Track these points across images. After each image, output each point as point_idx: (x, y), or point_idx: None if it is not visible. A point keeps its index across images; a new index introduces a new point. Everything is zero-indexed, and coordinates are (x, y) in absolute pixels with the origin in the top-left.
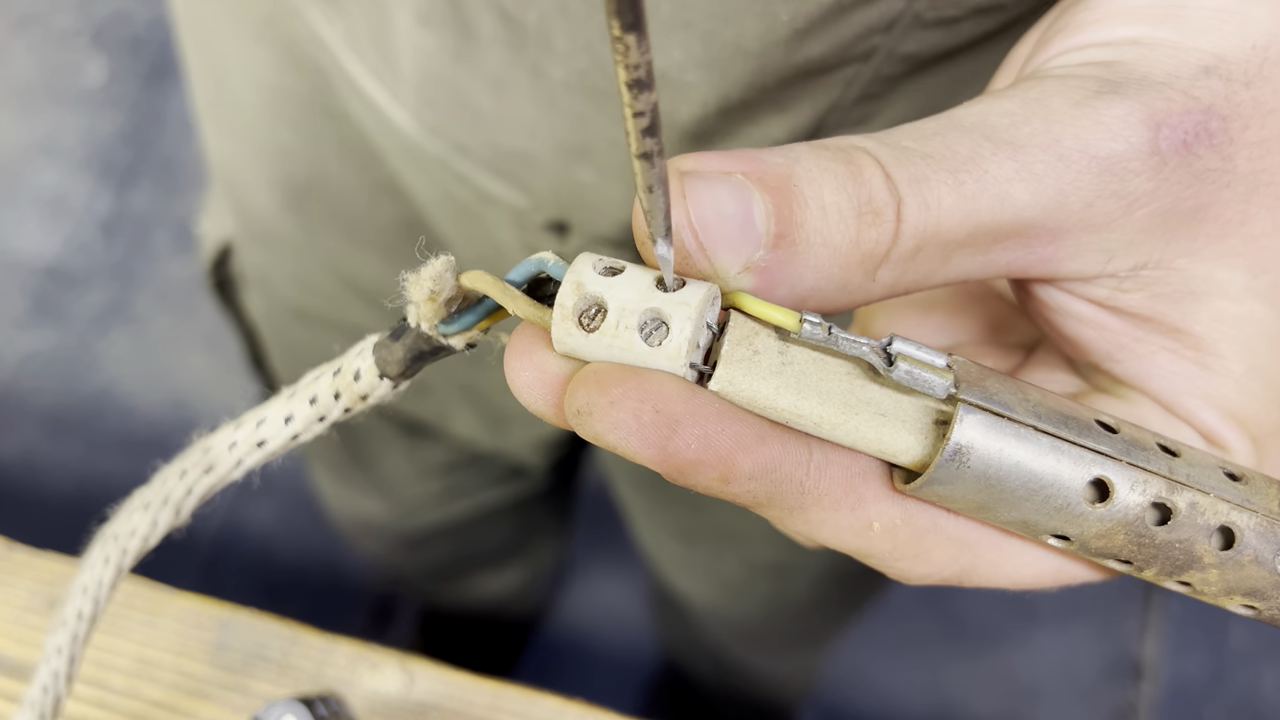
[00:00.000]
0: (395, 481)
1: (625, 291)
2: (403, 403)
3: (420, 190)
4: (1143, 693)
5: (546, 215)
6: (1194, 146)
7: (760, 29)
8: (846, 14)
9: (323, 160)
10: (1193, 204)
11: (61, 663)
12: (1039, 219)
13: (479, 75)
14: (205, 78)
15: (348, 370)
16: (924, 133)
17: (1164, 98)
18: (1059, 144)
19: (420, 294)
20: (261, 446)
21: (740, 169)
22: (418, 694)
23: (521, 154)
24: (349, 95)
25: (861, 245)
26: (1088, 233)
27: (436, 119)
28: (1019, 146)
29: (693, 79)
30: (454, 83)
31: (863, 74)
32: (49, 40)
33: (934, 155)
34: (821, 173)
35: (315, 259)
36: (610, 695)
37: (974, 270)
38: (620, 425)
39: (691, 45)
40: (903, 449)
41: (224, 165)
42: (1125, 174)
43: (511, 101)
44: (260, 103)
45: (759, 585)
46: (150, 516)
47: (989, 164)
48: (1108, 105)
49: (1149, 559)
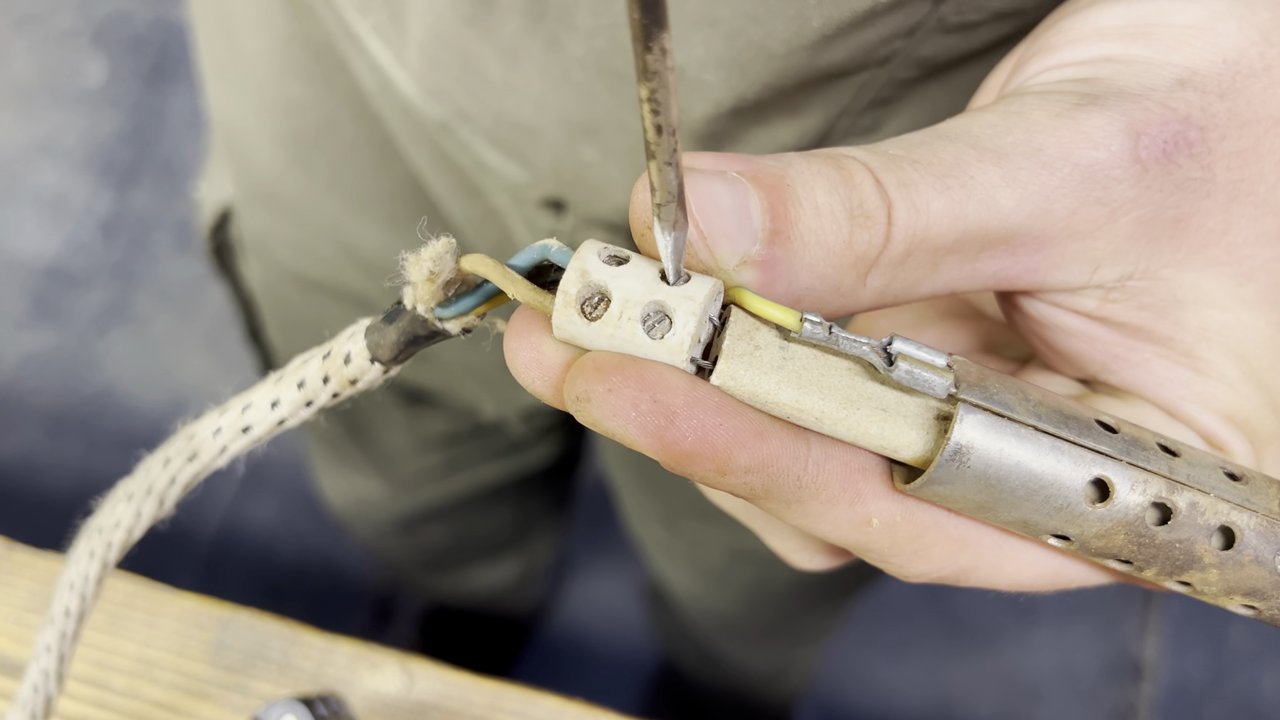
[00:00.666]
0: (394, 455)
1: (630, 282)
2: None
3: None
4: (1143, 693)
5: (543, 192)
6: (1173, 155)
7: (789, 32)
8: (877, 19)
9: (332, 115)
10: (1175, 213)
11: (51, 660)
12: (1025, 225)
13: (491, 42)
14: (214, 31)
15: (338, 353)
16: (910, 143)
17: (1142, 108)
18: (1042, 152)
19: (419, 274)
20: (247, 432)
21: (735, 168)
22: (417, 694)
23: (525, 126)
24: (351, 53)
25: (855, 246)
26: (1073, 241)
27: (440, 83)
28: (1003, 154)
29: (710, 78)
30: (464, 47)
31: (877, 78)
32: (49, 40)
33: (921, 162)
34: (814, 175)
35: (316, 223)
36: (610, 695)
37: (962, 280)
38: (618, 413)
39: (714, 43)
40: (904, 444)
41: (228, 124)
42: (1108, 181)
43: (522, 72)
44: (270, 51)
45: (741, 573)
46: (134, 507)
47: (974, 170)
48: (1088, 116)
49: (1149, 559)
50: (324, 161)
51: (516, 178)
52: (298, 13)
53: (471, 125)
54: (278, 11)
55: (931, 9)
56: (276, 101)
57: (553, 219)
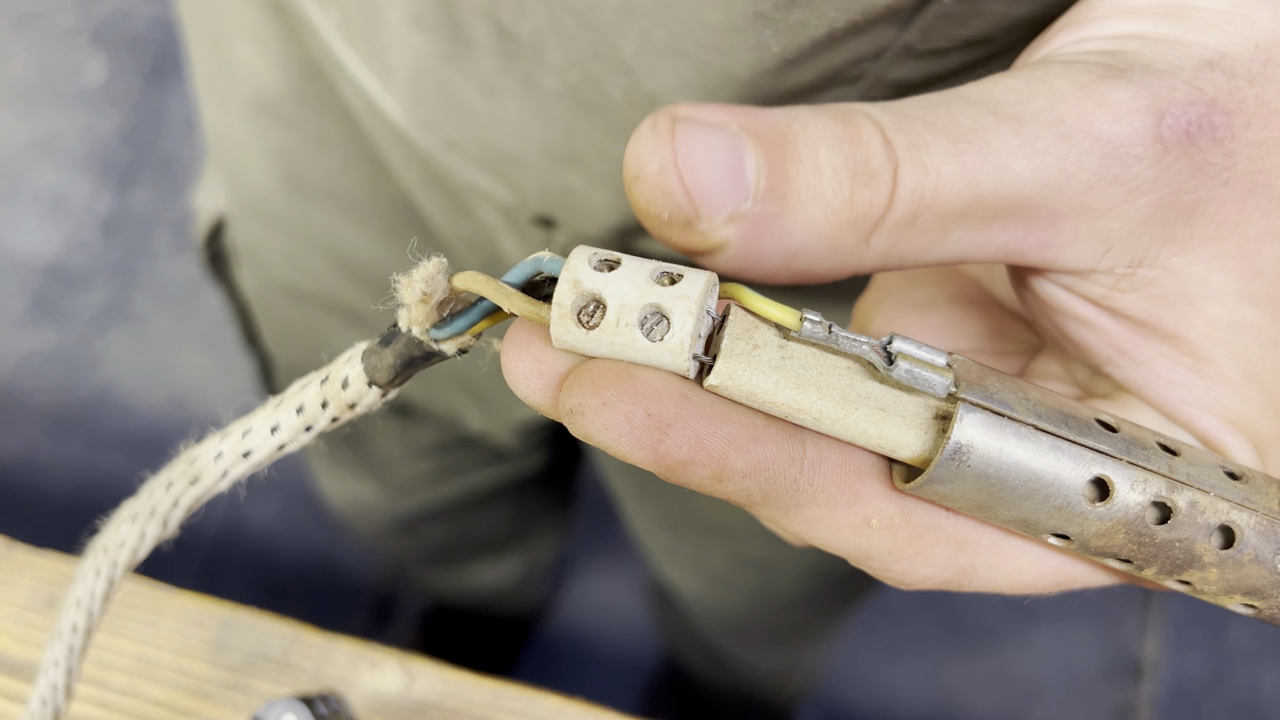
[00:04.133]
0: (387, 462)
1: (623, 287)
2: None
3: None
4: (1143, 692)
5: (533, 211)
6: (1196, 138)
7: (752, 59)
8: (837, 45)
9: (324, 133)
10: (1191, 198)
11: (59, 675)
12: (1039, 196)
13: (471, 78)
14: (205, 46)
15: (335, 378)
16: (928, 103)
17: (1168, 86)
18: (1063, 123)
19: (412, 296)
20: (247, 457)
21: (737, 121)
22: (418, 693)
23: (511, 154)
24: (339, 78)
25: (855, 205)
26: (1087, 218)
27: (427, 114)
28: (1023, 122)
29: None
30: (445, 82)
31: (849, 96)
32: (49, 39)
33: (936, 123)
34: (819, 131)
35: (308, 237)
36: (610, 694)
37: (972, 249)
38: (611, 426)
39: (684, 71)
40: (903, 444)
41: (219, 137)
42: (1128, 159)
43: (502, 106)
44: (261, 69)
45: (744, 579)
46: (138, 529)
47: (992, 136)
48: (1112, 89)
49: (1149, 558)
50: (317, 176)
51: (506, 199)
52: (288, 35)
53: (460, 153)
54: (268, 33)
55: (896, 34)
56: (268, 118)
57: (544, 233)
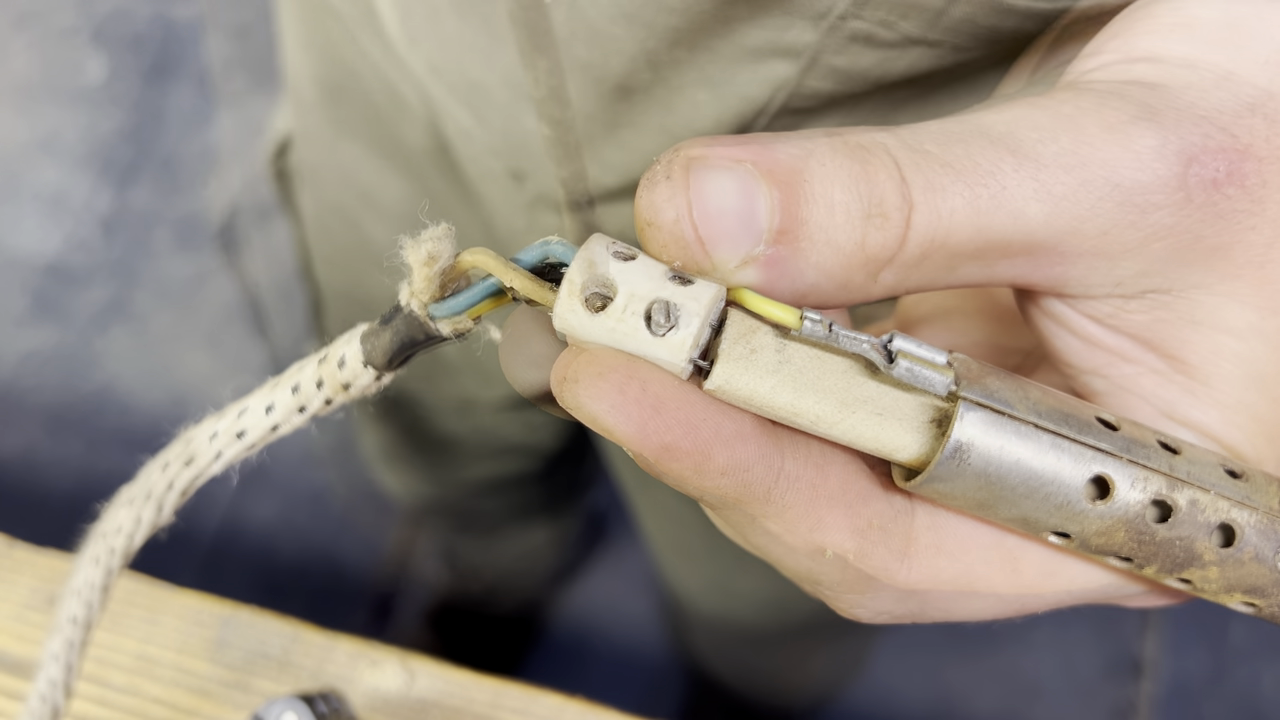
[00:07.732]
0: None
1: (636, 278)
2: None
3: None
4: (1143, 691)
5: (507, 163)
6: (1223, 186)
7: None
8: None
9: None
10: (1214, 242)
11: (58, 670)
12: (1051, 240)
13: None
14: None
15: (333, 357)
16: (949, 136)
17: (1202, 133)
18: (1084, 167)
19: (418, 257)
20: (241, 438)
21: (750, 158)
22: (418, 691)
23: (479, 84)
24: None
25: (866, 247)
26: (1100, 259)
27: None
28: (1042, 165)
29: (619, 31)
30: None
31: (790, 79)
32: (49, 37)
33: (953, 164)
34: (834, 170)
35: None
36: (611, 693)
37: (978, 279)
38: (603, 396)
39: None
40: (900, 446)
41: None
42: (1147, 206)
43: (470, 25)
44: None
45: (752, 577)
46: (134, 513)
47: (1009, 180)
48: (1141, 134)
49: (1149, 556)
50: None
51: (484, 143)
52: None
53: (442, 80)
54: None
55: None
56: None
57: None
